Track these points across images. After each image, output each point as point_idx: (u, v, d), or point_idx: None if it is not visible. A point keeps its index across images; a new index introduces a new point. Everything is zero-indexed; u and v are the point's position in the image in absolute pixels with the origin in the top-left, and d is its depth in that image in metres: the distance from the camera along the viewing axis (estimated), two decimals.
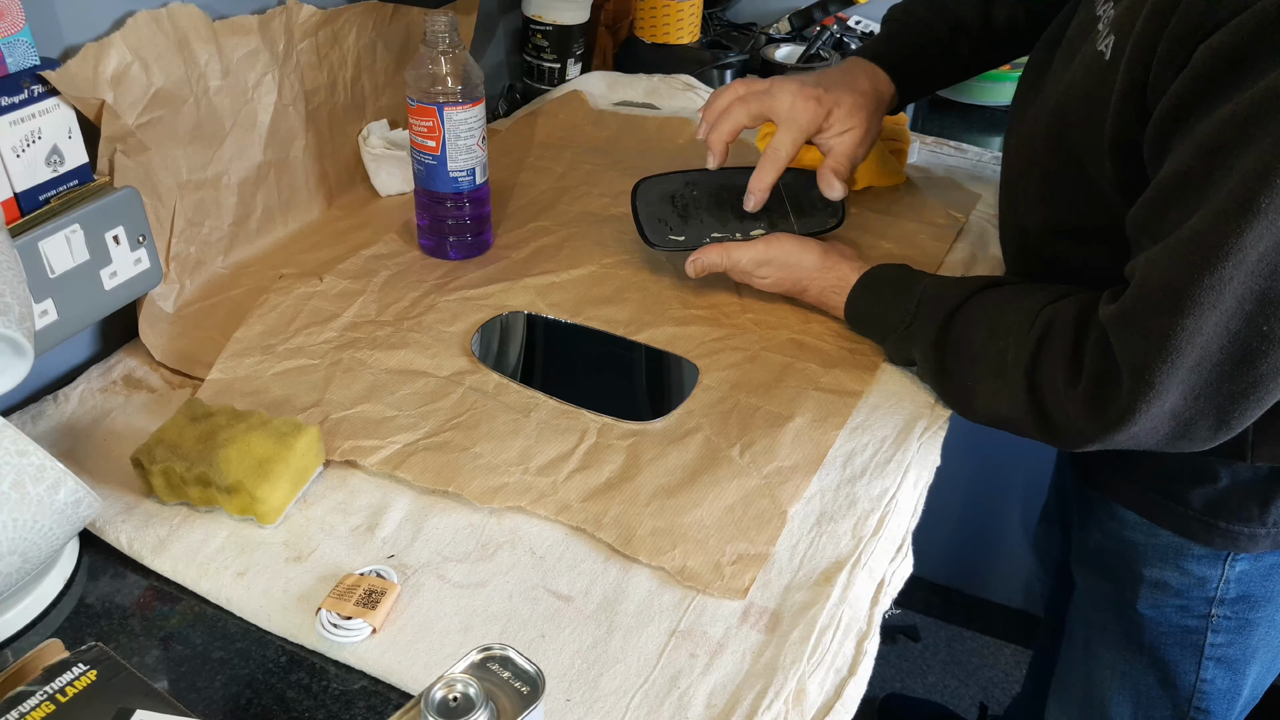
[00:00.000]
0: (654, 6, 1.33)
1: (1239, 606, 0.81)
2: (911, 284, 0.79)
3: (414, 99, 0.86)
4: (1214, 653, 0.84)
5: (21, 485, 0.56)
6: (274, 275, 0.91)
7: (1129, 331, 0.60)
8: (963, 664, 1.71)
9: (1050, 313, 0.67)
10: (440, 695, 0.44)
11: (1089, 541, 0.89)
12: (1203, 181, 0.55)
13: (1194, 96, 0.56)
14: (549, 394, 0.78)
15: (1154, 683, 0.88)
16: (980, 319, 0.72)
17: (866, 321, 0.82)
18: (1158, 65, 0.57)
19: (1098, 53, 0.64)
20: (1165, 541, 0.80)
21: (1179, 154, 0.57)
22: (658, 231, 0.90)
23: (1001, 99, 1.32)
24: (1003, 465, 1.61)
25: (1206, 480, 0.76)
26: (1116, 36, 0.62)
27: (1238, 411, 0.60)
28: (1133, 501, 0.81)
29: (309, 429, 0.68)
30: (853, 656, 0.59)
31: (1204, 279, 0.55)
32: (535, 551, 0.65)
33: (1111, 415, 0.62)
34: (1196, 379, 0.59)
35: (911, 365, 0.80)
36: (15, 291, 0.59)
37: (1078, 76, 0.67)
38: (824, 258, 0.84)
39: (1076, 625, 0.96)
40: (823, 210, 0.91)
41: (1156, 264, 0.58)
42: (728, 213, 0.91)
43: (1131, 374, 0.60)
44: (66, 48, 0.74)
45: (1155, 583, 0.82)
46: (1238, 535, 0.77)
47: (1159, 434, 0.63)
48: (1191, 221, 0.56)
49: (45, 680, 0.48)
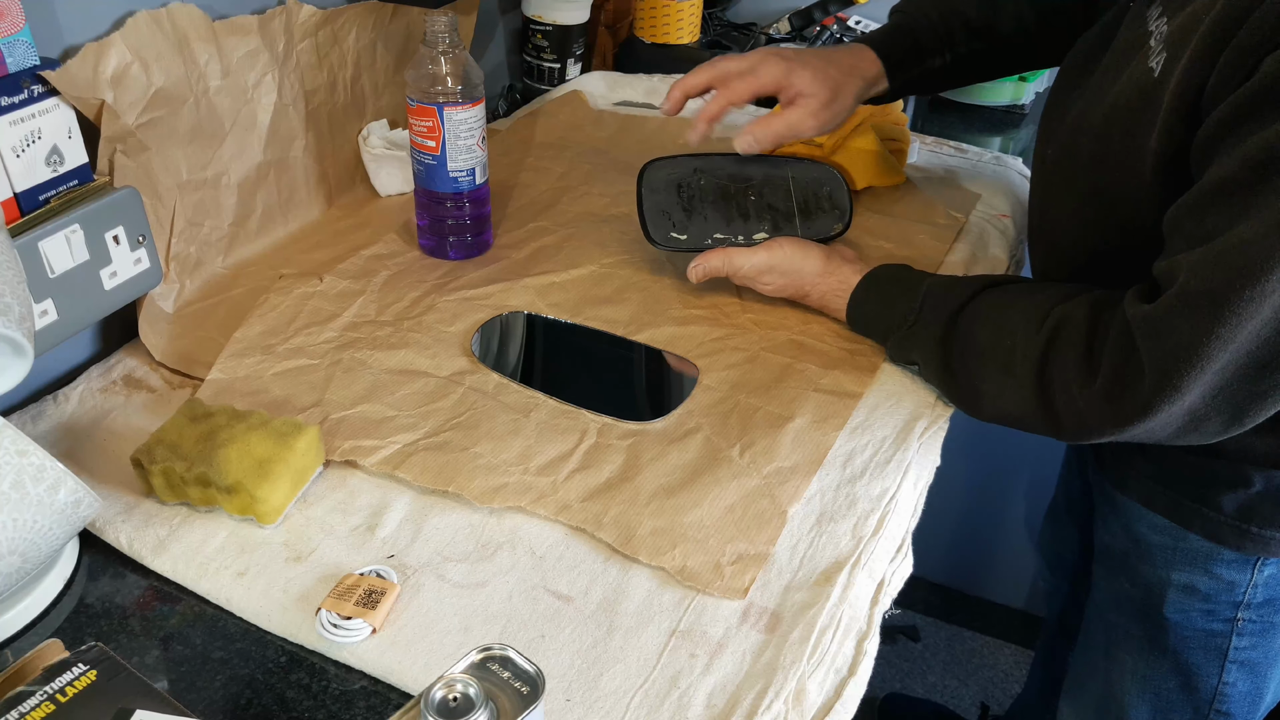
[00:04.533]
0: (654, 6, 1.33)
1: (1265, 610, 0.81)
2: (915, 283, 0.79)
3: (414, 99, 0.86)
4: (1238, 656, 0.83)
5: (21, 485, 0.56)
6: (274, 275, 0.91)
7: (1161, 333, 0.60)
8: (963, 664, 1.71)
9: (1061, 311, 0.68)
10: (440, 695, 0.44)
11: (1112, 544, 0.88)
12: (1249, 191, 0.56)
13: (1253, 105, 0.56)
14: (549, 394, 0.78)
15: (1175, 686, 0.87)
16: (987, 317, 0.73)
17: (869, 322, 0.82)
18: (1218, 75, 0.58)
19: (1147, 69, 0.64)
20: (1194, 546, 0.80)
21: (1226, 161, 0.57)
22: (660, 226, 0.90)
23: (1001, 99, 1.32)
24: (1003, 464, 1.61)
25: (1240, 485, 0.75)
26: (1168, 54, 0.62)
27: (1253, 411, 0.61)
28: (1162, 506, 0.81)
29: (309, 429, 0.68)
30: (853, 656, 0.59)
31: (1246, 290, 0.56)
32: (535, 551, 0.65)
33: (1128, 411, 0.63)
34: (1220, 380, 0.59)
35: (912, 365, 0.80)
36: (15, 291, 0.59)
37: (1127, 92, 0.67)
38: (826, 263, 0.84)
39: (1096, 627, 0.95)
40: (829, 213, 0.91)
41: (1198, 269, 0.58)
42: (733, 209, 0.90)
43: (1158, 374, 0.60)
44: (66, 48, 0.74)
45: (1183, 587, 0.82)
46: (1270, 540, 0.76)
47: (1170, 429, 0.63)
48: (1238, 230, 0.56)
49: (45, 680, 0.48)
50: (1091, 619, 0.96)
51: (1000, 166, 1.16)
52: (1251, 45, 0.56)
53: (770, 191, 0.91)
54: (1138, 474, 0.82)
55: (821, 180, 0.89)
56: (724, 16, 1.49)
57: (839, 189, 0.91)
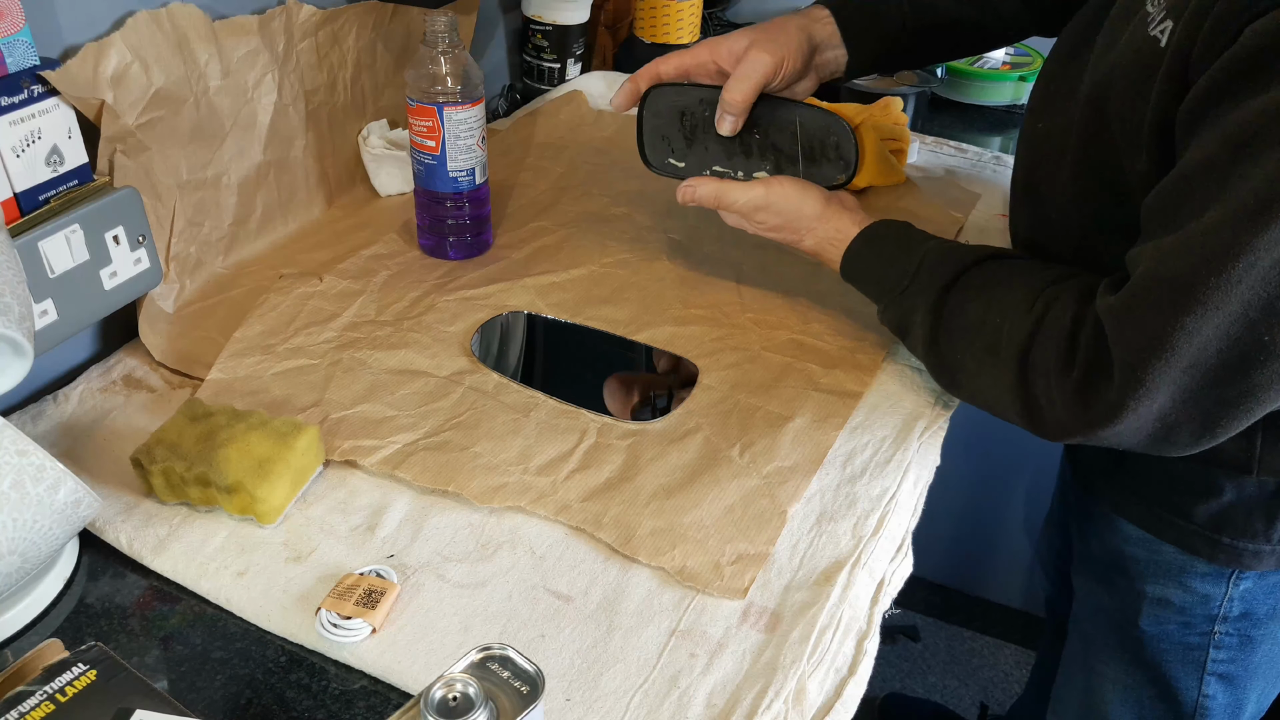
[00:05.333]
0: (654, 6, 1.33)
1: (1242, 624, 0.79)
2: (914, 244, 0.75)
3: (414, 99, 0.86)
4: (1216, 669, 0.82)
5: (21, 485, 0.56)
6: (274, 275, 0.91)
7: (1127, 325, 0.58)
8: (963, 664, 1.71)
9: (1052, 294, 0.65)
10: (440, 695, 0.44)
11: (1089, 553, 0.88)
12: (1224, 174, 0.53)
13: (1230, 79, 0.53)
14: (549, 394, 0.78)
15: (1155, 697, 0.86)
16: (980, 291, 0.69)
17: (863, 279, 0.79)
18: (1200, 46, 0.55)
19: (1150, 38, 0.60)
20: (1168, 558, 0.78)
21: (1206, 140, 0.54)
22: (657, 150, 0.87)
23: (1001, 99, 1.32)
24: (1003, 465, 1.61)
25: (1211, 494, 0.73)
26: (1173, 22, 0.58)
27: (1224, 420, 0.59)
28: (1135, 515, 0.80)
29: (309, 429, 0.68)
30: (853, 656, 0.59)
31: (1211, 278, 0.53)
32: (535, 551, 0.65)
33: (1098, 410, 0.60)
34: (1189, 381, 0.57)
35: (902, 332, 0.76)
36: (15, 291, 0.59)
37: (1124, 60, 0.63)
38: (825, 207, 0.80)
39: (1075, 637, 0.94)
40: (834, 162, 0.85)
41: (1164, 257, 0.56)
42: (735, 144, 0.86)
43: (1124, 369, 0.58)
44: (66, 48, 0.74)
45: (1158, 600, 0.81)
46: (1242, 552, 0.75)
47: (1142, 434, 0.61)
48: (1207, 216, 0.54)
49: (45, 680, 0.48)
50: (1072, 628, 0.95)
51: (1000, 166, 1.16)
52: (1229, 13, 0.53)
53: (776, 132, 0.85)
54: (1111, 481, 0.81)
55: (830, 129, 0.84)
56: (724, 16, 1.49)
57: (846, 140, 0.85)
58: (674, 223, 1.02)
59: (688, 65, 0.84)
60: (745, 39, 0.82)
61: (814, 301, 0.89)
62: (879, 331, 0.85)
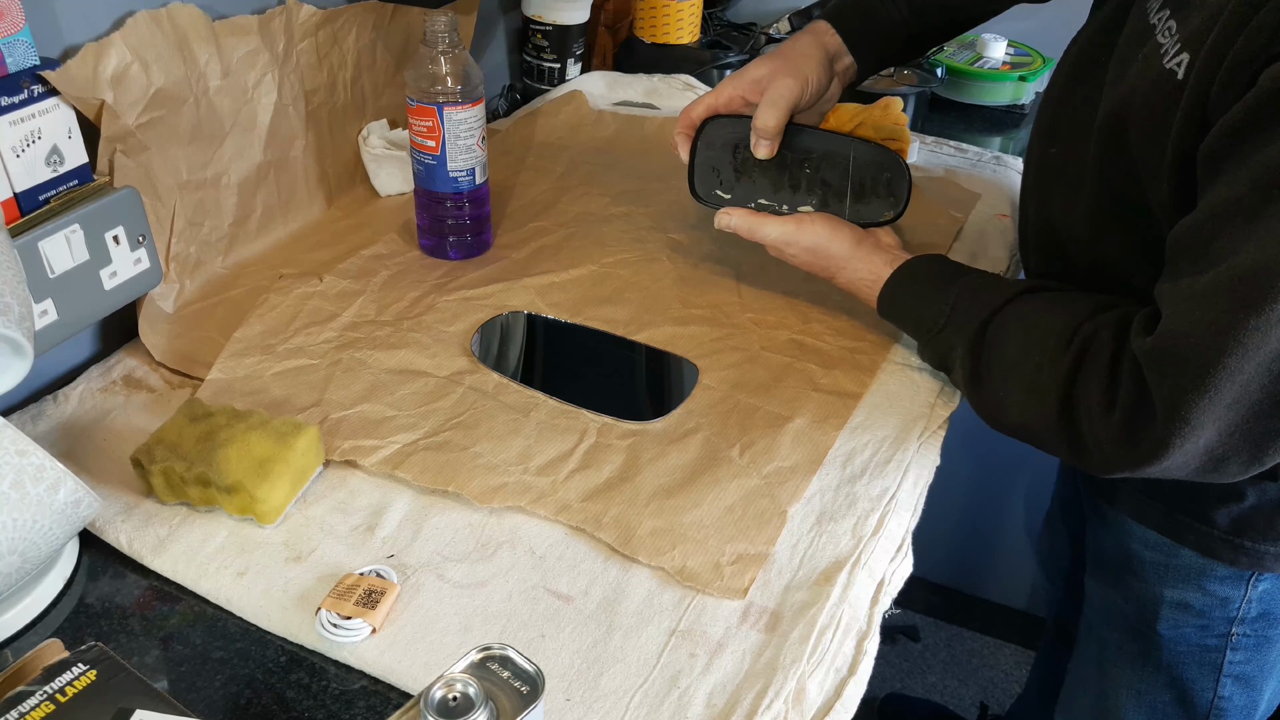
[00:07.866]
0: (654, 6, 1.33)
1: (1259, 624, 0.79)
2: (947, 281, 0.75)
3: (414, 99, 0.86)
4: (1232, 670, 0.82)
5: (21, 485, 0.56)
6: (274, 275, 0.91)
7: (1167, 366, 0.58)
8: (963, 664, 1.71)
9: (1089, 330, 0.65)
10: (440, 695, 0.44)
11: (1102, 557, 0.88)
12: (1255, 215, 0.53)
13: (1254, 120, 0.53)
14: (549, 394, 0.78)
15: (1171, 700, 0.86)
16: (1017, 328, 0.70)
17: (900, 319, 0.80)
18: (1219, 85, 0.55)
19: (1167, 71, 0.61)
20: (1187, 561, 0.78)
21: (1233, 179, 0.55)
22: (706, 181, 0.89)
23: (1001, 99, 1.32)
24: (1003, 465, 1.61)
25: (1232, 499, 0.74)
26: (1190, 55, 0.59)
27: (1274, 448, 0.59)
28: (1155, 521, 0.79)
29: (309, 429, 0.68)
30: (853, 656, 0.59)
31: (1251, 320, 0.53)
32: (535, 551, 0.65)
33: (1144, 449, 0.60)
34: (1234, 416, 0.57)
35: (946, 369, 0.77)
36: (15, 291, 0.59)
37: (1141, 91, 0.63)
38: (855, 247, 0.81)
39: (1088, 641, 0.93)
40: (884, 199, 0.86)
41: (1199, 298, 0.56)
42: (784, 178, 0.87)
43: (1167, 410, 0.58)
44: (66, 48, 0.74)
45: (1176, 603, 0.81)
46: (1264, 555, 0.75)
47: (1190, 468, 0.61)
48: (1242, 257, 0.54)
49: (45, 680, 0.48)
50: (1085, 632, 0.95)
51: (1000, 166, 1.16)
52: (1247, 56, 0.54)
53: (827, 167, 0.86)
54: (1130, 488, 0.80)
55: (884, 165, 0.85)
56: (724, 16, 1.49)
57: (899, 176, 0.86)
58: (674, 223, 1.02)
59: (718, 107, 0.87)
60: (765, 67, 0.85)
61: (814, 301, 0.89)
62: (879, 331, 0.85)
